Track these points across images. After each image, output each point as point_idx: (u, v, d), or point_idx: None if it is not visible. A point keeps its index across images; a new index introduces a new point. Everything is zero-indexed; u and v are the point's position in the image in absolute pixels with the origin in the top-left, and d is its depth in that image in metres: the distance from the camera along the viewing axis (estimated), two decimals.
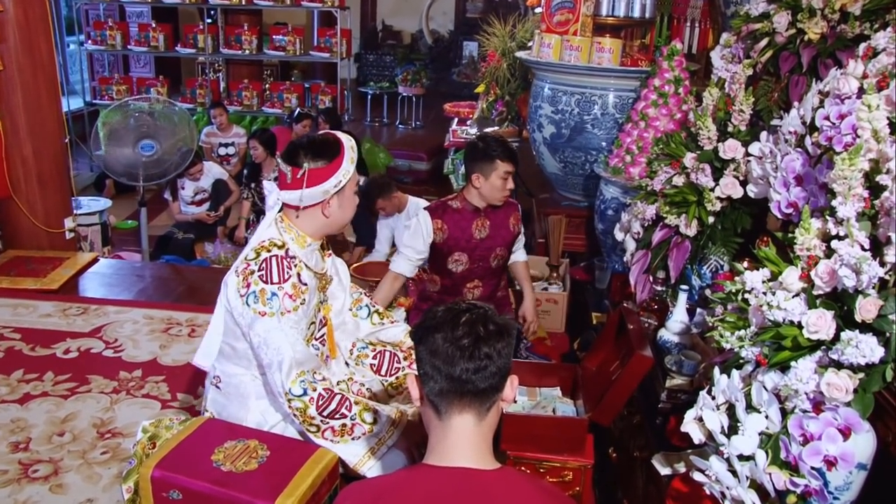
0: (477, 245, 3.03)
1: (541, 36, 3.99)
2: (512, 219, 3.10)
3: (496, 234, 3.05)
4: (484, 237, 3.03)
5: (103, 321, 3.69)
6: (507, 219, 3.08)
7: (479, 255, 3.05)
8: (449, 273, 3.07)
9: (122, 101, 5.17)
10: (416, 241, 3.00)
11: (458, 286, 3.10)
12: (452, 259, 3.03)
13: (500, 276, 3.23)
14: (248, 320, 2.03)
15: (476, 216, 3.01)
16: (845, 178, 1.47)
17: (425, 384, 1.38)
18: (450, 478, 1.34)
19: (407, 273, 3.06)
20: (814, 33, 2.18)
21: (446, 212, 3.02)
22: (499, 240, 3.06)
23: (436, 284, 3.15)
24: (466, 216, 3.01)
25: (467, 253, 3.03)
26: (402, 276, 3.07)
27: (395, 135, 9.95)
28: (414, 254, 3.02)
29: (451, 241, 3.00)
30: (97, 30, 8.81)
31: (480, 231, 3.02)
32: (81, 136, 7.92)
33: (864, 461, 1.46)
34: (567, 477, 2.16)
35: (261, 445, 1.98)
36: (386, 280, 3.08)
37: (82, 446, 2.70)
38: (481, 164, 2.91)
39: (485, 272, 3.10)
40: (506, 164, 2.89)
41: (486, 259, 3.06)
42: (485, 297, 3.11)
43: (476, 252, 3.04)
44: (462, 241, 3.01)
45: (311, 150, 2.07)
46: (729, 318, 1.65)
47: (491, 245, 3.05)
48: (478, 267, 3.07)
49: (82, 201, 5.35)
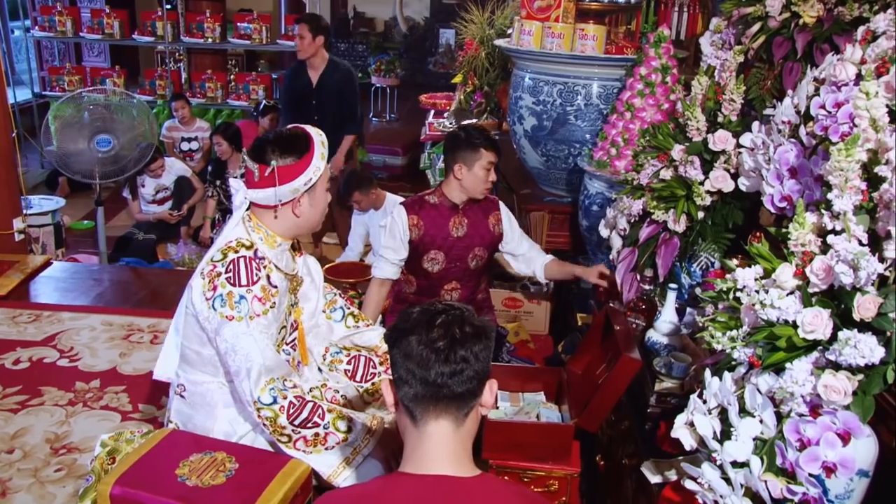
0: (454, 244, 3.03)
1: (521, 23, 3.99)
2: (492, 218, 3.09)
3: (475, 232, 3.05)
4: (462, 235, 3.03)
5: (57, 328, 3.64)
6: (487, 217, 3.08)
7: (455, 254, 3.04)
8: (425, 273, 3.06)
9: (75, 92, 5.12)
10: (393, 241, 3.00)
11: (434, 287, 3.10)
12: (428, 258, 3.03)
13: (480, 279, 3.23)
14: (214, 325, 2.01)
15: (454, 213, 3.01)
16: (842, 169, 1.48)
17: (400, 389, 1.38)
18: (427, 486, 1.34)
19: (391, 276, 3.05)
20: (809, 17, 2.19)
21: (423, 207, 3.01)
22: (477, 239, 3.06)
23: (412, 285, 3.14)
24: (444, 212, 3.01)
25: (444, 251, 3.03)
26: (388, 280, 3.07)
27: (369, 128, 9.93)
28: (393, 254, 3.02)
29: (428, 239, 3.00)
30: (45, 15, 8.62)
31: (458, 229, 3.02)
32: (30, 129, 7.80)
33: (865, 467, 1.46)
34: (553, 486, 2.17)
35: (229, 458, 1.97)
36: (372, 288, 3.08)
37: (34, 464, 2.65)
38: (464, 153, 2.91)
39: (462, 273, 3.09)
40: (489, 153, 2.91)
41: (463, 259, 3.06)
42: (464, 300, 3.10)
43: (453, 251, 3.03)
44: (438, 239, 3.01)
45: (278, 145, 2.05)
46: (720, 318, 1.65)
47: (469, 244, 3.05)
48: (454, 267, 3.07)
49: (33, 200, 5.28)
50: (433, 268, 3.05)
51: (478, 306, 3.17)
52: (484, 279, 3.28)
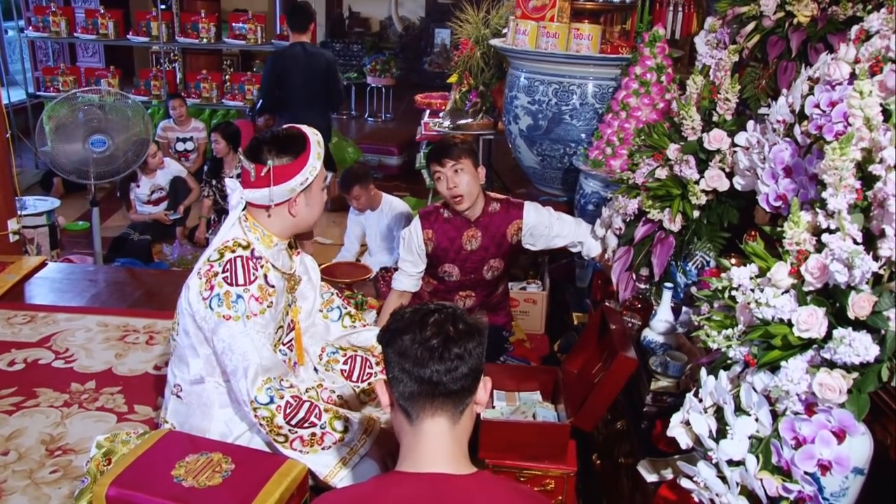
0: (467, 257, 2.93)
1: (516, 22, 3.99)
2: (512, 227, 2.91)
3: (490, 244, 2.92)
4: (475, 248, 2.91)
5: (52, 329, 3.63)
6: (505, 227, 2.91)
7: (469, 267, 2.95)
8: (441, 279, 3.03)
9: (69, 93, 5.08)
10: (411, 255, 2.96)
11: (450, 292, 3.05)
12: (442, 270, 2.98)
13: (497, 286, 3.12)
14: (211, 325, 2.02)
15: (467, 227, 2.89)
16: (836, 168, 1.48)
17: (395, 388, 1.39)
18: (423, 484, 1.35)
19: (410, 288, 3.02)
20: (803, 16, 2.20)
21: (437, 220, 2.92)
22: (493, 250, 2.93)
23: (429, 285, 3.11)
24: (457, 226, 2.90)
25: (457, 265, 2.95)
26: (407, 293, 3.04)
27: (364, 128, 9.93)
28: (412, 267, 2.98)
29: (440, 253, 2.92)
30: (39, 15, 8.59)
31: (471, 242, 2.90)
32: (25, 130, 7.79)
33: (860, 465, 1.47)
34: (549, 485, 2.17)
35: (225, 458, 1.96)
36: (391, 298, 3.06)
37: (29, 465, 2.64)
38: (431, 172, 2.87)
39: (477, 283, 3.02)
40: (433, 164, 2.78)
41: (478, 271, 2.97)
42: (478, 305, 3.07)
43: (467, 265, 2.95)
44: (451, 253, 2.92)
45: (275, 145, 2.06)
46: (716, 317, 1.66)
47: (483, 256, 2.93)
48: (469, 279, 3.00)
49: (27, 201, 5.26)
50: (448, 278, 3.01)
51: (491, 308, 3.12)
52: (503, 283, 3.17)
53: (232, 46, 8.89)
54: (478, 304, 3.07)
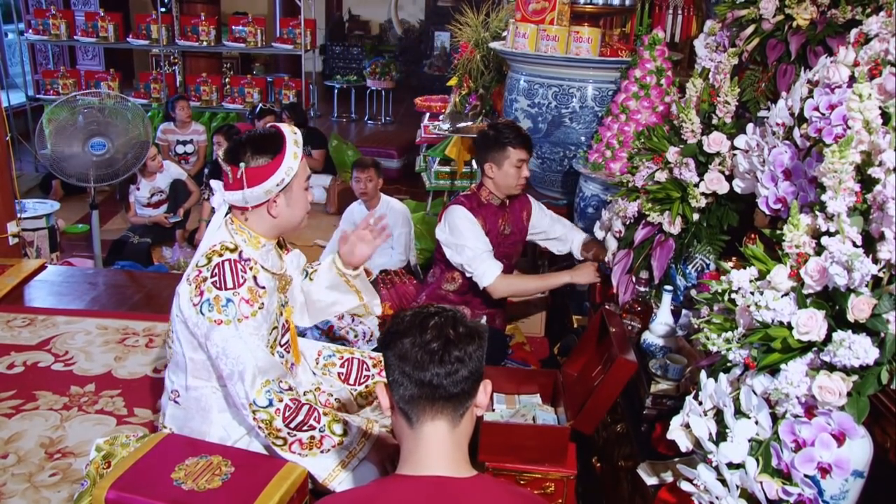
0: (502, 241, 3.06)
1: (515, 25, 4.00)
2: (525, 212, 3.14)
3: (516, 229, 3.11)
4: (508, 233, 3.07)
5: (52, 332, 3.63)
6: (522, 213, 3.13)
7: (503, 251, 3.06)
8: None
9: (69, 96, 5.08)
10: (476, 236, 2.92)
11: (475, 285, 3.02)
12: None
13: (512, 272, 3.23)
14: (203, 330, 2.01)
15: (502, 211, 3.05)
16: (836, 171, 1.49)
17: (395, 391, 1.39)
18: (424, 487, 1.35)
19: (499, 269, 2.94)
20: (803, 19, 2.20)
21: (480, 205, 3.01)
22: (518, 235, 3.12)
23: (454, 283, 3.12)
24: (494, 211, 3.04)
25: (495, 248, 3.01)
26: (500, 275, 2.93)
27: (364, 131, 9.94)
28: (483, 250, 2.92)
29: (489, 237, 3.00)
30: (38, 18, 8.62)
31: (506, 227, 3.06)
32: (24, 133, 7.80)
33: (860, 468, 1.46)
34: (549, 488, 2.17)
35: (224, 461, 1.96)
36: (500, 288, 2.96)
37: (28, 468, 2.64)
38: (493, 152, 2.94)
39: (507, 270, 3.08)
40: (518, 150, 2.92)
41: (510, 256, 3.09)
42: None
43: (500, 248, 3.04)
44: (492, 237, 3.01)
45: (251, 146, 2.04)
46: (715, 320, 1.66)
47: (514, 240, 3.10)
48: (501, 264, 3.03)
49: (27, 204, 5.26)
50: None
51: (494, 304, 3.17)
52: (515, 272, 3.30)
53: (232, 49, 8.92)
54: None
